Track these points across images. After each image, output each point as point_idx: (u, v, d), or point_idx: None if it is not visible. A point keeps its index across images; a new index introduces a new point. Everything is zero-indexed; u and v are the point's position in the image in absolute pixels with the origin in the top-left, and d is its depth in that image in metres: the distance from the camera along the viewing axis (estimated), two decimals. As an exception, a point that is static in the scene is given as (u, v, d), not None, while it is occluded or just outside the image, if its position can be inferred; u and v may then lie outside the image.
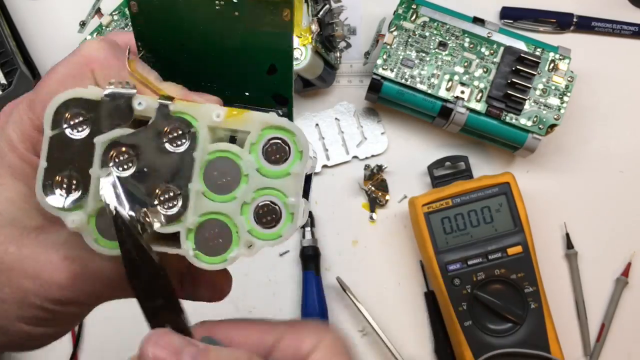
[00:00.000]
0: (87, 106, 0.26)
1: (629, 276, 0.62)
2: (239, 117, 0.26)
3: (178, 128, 0.26)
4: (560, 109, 0.59)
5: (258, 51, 0.29)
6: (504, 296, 0.57)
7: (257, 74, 0.29)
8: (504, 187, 0.59)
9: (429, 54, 0.60)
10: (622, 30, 0.67)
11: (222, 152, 0.26)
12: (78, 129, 0.26)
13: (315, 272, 0.61)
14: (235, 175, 0.26)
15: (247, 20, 0.27)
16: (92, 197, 0.26)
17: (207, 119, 0.26)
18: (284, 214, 0.26)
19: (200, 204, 0.26)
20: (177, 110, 0.26)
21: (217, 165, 0.26)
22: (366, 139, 0.65)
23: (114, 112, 0.26)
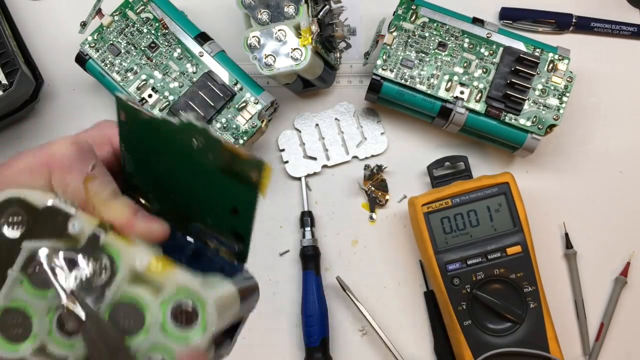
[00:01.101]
0: (27, 209, 0.27)
1: (628, 276, 0.62)
2: (160, 272, 0.26)
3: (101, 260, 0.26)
4: (560, 109, 0.59)
5: (225, 193, 0.29)
6: (504, 296, 0.57)
7: (221, 208, 0.30)
8: (504, 187, 0.59)
9: (429, 55, 0.60)
10: (621, 31, 0.67)
11: (131, 297, 0.26)
12: (13, 227, 0.27)
13: (315, 272, 0.61)
14: (138, 322, 0.26)
15: (219, 166, 0.28)
16: (3, 295, 0.26)
17: (130, 263, 0.26)
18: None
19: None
20: (106, 243, 0.26)
21: (125, 307, 0.26)
22: (366, 139, 0.65)
23: (50, 224, 0.26)
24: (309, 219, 0.62)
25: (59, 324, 0.26)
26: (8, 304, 0.26)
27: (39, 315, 0.26)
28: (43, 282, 0.26)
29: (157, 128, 0.28)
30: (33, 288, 0.26)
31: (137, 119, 0.29)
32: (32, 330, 0.26)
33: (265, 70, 0.54)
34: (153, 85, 0.59)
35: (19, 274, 0.26)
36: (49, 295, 0.26)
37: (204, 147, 0.28)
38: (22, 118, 0.65)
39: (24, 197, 0.27)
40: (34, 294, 0.26)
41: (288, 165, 0.64)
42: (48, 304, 0.26)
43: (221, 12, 0.67)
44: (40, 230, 0.27)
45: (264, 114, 0.59)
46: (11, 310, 0.26)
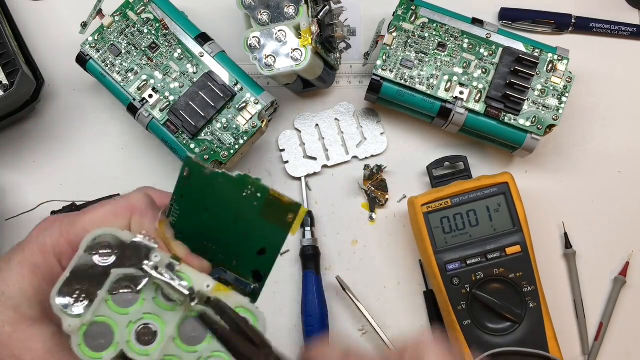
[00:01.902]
0: (117, 244, 0.33)
1: (627, 275, 0.62)
2: (222, 292, 0.33)
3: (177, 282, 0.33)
4: (559, 110, 0.60)
5: (258, 235, 0.36)
6: (503, 295, 0.57)
7: (250, 250, 0.37)
8: (503, 187, 0.59)
9: (428, 55, 0.60)
10: (620, 31, 0.67)
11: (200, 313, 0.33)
12: (104, 258, 0.33)
13: (315, 272, 0.61)
14: (202, 333, 0.33)
15: (261, 210, 0.35)
16: (91, 311, 0.32)
17: (199, 285, 0.33)
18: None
19: (167, 347, 0.33)
20: (180, 271, 0.33)
21: (192, 322, 0.33)
22: (366, 139, 0.65)
23: (135, 255, 0.33)
24: (309, 219, 0.62)
25: (137, 336, 0.33)
26: (95, 319, 0.32)
27: (120, 327, 0.32)
28: (125, 302, 0.33)
29: (216, 180, 0.35)
30: (116, 306, 0.33)
31: (200, 174, 0.35)
32: (114, 340, 0.32)
33: (265, 71, 0.54)
34: (153, 86, 0.59)
35: (105, 294, 0.32)
36: (130, 312, 0.33)
37: (252, 195, 0.35)
38: (23, 118, 0.65)
39: (116, 233, 0.33)
40: (117, 311, 0.33)
41: (288, 165, 0.64)
42: (129, 319, 0.33)
43: (221, 13, 0.67)
44: (126, 261, 0.33)
45: (264, 114, 0.59)
46: (97, 323, 0.32)
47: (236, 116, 0.58)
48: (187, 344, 0.33)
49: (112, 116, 0.65)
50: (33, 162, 0.65)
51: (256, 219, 0.35)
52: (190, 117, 0.58)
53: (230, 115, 0.58)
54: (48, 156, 0.65)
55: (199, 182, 0.35)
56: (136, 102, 0.59)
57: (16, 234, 0.63)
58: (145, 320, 0.33)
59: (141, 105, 0.59)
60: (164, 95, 0.59)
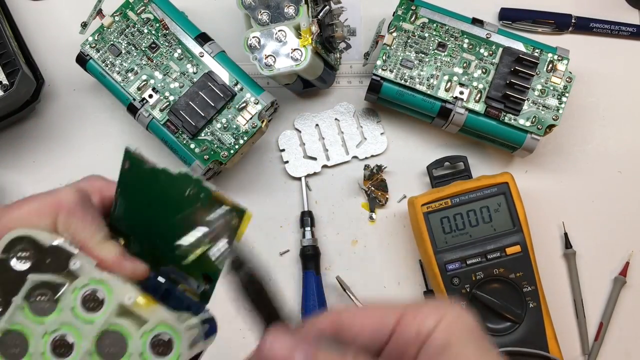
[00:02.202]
0: (35, 247, 0.31)
1: (627, 275, 0.62)
2: (145, 307, 0.31)
3: (94, 293, 0.31)
4: (559, 110, 0.60)
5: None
6: (503, 295, 0.57)
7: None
8: (503, 187, 0.59)
9: (428, 55, 0.60)
10: (620, 31, 0.67)
11: (118, 327, 0.30)
12: (21, 262, 0.31)
13: (315, 272, 0.61)
14: (121, 350, 0.30)
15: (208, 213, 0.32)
16: (6, 318, 0.30)
17: (120, 297, 0.30)
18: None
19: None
20: (101, 279, 0.31)
21: (111, 336, 0.30)
22: (366, 139, 0.65)
23: (53, 260, 0.31)
24: (309, 219, 0.62)
25: (53, 347, 0.30)
26: (9, 326, 0.30)
27: (36, 337, 0.30)
28: (41, 310, 0.30)
29: (157, 177, 0.33)
30: (32, 314, 0.30)
31: (140, 167, 0.33)
32: (27, 350, 0.30)
33: (265, 71, 0.54)
34: (153, 86, 0.59)
35: (22, 301, 0.30)
36: (46, 322, 0.30)
37: (195, 195, 0.32)
38: (23, 118, 0.65)
39: (33, 235, 0.31)
40: (33, 320, 0.30)
41: (288, 165, 0.64)
42: (45, 329, 0.30)
43: (221, 13, 0.67)
44: (45, 266, 0.31)
45: (264, 114, 0.59)
46: (11, 332, 0.30)
47: (236, 116, 0.58)
48: (104, 359, 0.30)
49: (112, 116, 0.65)
50: (33, 162, 0.65)
51: (198, 217, 0.33)
52: (190, 117, 0.58)
53: (230, 115, 0.58)
54: (48, 156, 0.65)
55: (140, 176, 0.33)
56: (136, 102, 0.59)
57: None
58: (62, 332, 0.30)
59: (141, 105, 0.59)
60: (164, 95, 0.59)
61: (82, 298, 0.31)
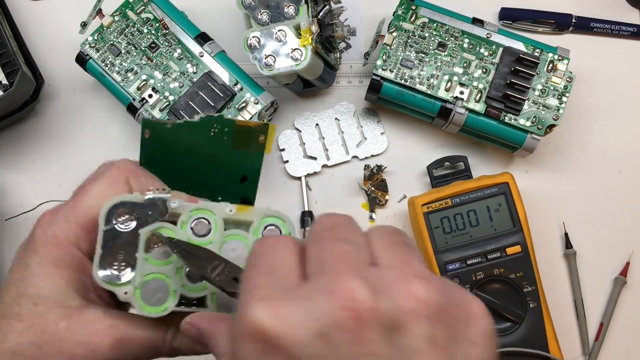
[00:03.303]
0: (132, 207, 0.34)
1: (627, 275, 0.62)
2: (246, 210, 0.35)
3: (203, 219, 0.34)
4: (559, 110, 0.60)
5: (236, 165, 0.39)
6: (503, 295, 0.57)
7: (232, 182, 0.39)
8: (503, 187, 0.59)
9: (429, 55, 0.60)
10: (620, 31, 0.67)
11: (234, 236, 0.35)
12: (125, 224, 0.34)
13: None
14: (244, 252, 0.34)
15: (233, 142, 0.37)
16: (138, 273, 0.33)
17: (222, 213, 0.34)
18: None
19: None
20: (201, 207, 0.34)
21: (232, 244, 0.34)
22: (366, 139, 0.65)
23: (154, 211, 0.34)
24: (309, 219, 0.62)
25: (188, 277, 0.34)
26: (144, 279, 0.33)
27: (171, 276, 0.34)
28: (164, 254, 0.34)
29: (181, 131, 0.36)
30: (157, 261, 0.34)
31: (162, 130, 0.36)
32: (170, 289, 0.34)
33: (265, 71, 0.54)
34: (153, 86, 0.59)
35: (143, 254, 0.33)
36: (172, 260, 0.34)
37: (219, 132, 0.37)
38: (23, 118, 0.65)
39: (126, 198, 0.34)
40: (160, 264, 0.34)
41: (288, 165, 0.64)
42: (175, 266, 0.34)
43: (221, 13, 0.67)
44: (149, 217, 0.34)
45: (264, 114, 0.59)
46: (148, 282, 0.34)
47: (236, 116, 0.58)
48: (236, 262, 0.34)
49: (112, 116, 0.65)
50: (33, 162, 0.65)
51: (230, 152, 0.37)
52: (190, 117, 0.58)
53: (230, 115, 0.58)
54: (48, 156, 0.65)
55: (164, 139, 0.36)
56: (136, 102, 0.59)
57: (16, 234, 0.63)
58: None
59: (141, 105, 0.59)
60: (163, 95, 0.59)
61: (192, 228, 0.34)
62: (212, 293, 0.34)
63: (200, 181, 0.38)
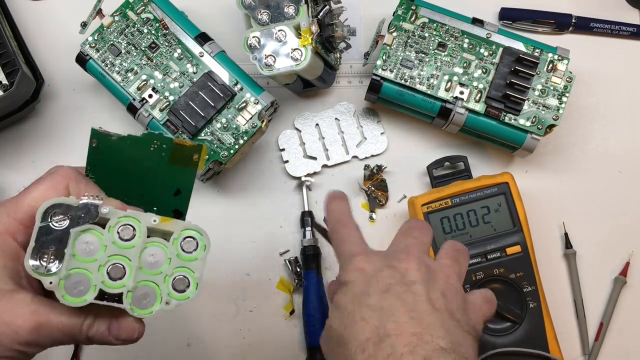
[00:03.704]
0: (67, 209, 0.38)
1: (627, 275, 0.62)
2: (168, 222, 0.39)
3: (129, 226, 0.39)
4: (559, 110, 0.60)
5: (171, 179, 0.42)
6: (503, 295, 0.57)
7: (166, 194, 0.43)
8: (503, 187, 0.59)
9: (428, 55, 0.60)
10: (620, 31, 0.67)
11: (154, 243, 0.39)
12: (59, 223, 0.38)
13: (317, 272, 0.61)
14: (161, 258, 0.39)
15: (169, 158, 0.41)
16: (64, 267, 0.37)
17: (148, 222, 0.39)
18: (191, 283, 0.40)
19: (137, 276, 0.38)
20: (129, 215, 0.39)
21: (150, 251, 0.39)
22: (366, 139, 0.65)
23: (86, 214, 0.38)
24: (309, 218, 0.62)
25: (109, 275, 0.38)
26: (69, 272, 0.37)
27: (93, 272, 0.38)
28: (90, 252, 0.38)
29: (124, 144, 0.41)
30: (83, 258, 0.38)
31: (108, 141, 0.41)
32: (91, 284, 0.38)
33: (265, 71, 0.54)
34: (153, 86, 0.59)
35: (71, 250, 0.37)
36: (97, 258, 0.38)
37: (159, 148, 0.41)
38: (23, 118, 0.65)
39: (63, 201, 0.38)
40: (86, 261, 0.38)
41: (288, 165, 0.64)
42: (98, 264, 0.38)
43: (221, 13, 0.67)
44: (81, 219, 0.38)
45: (264, 114, 0.59)
46: (72, 275, 0.37)
47: (236, 116, 0.58)
48: (150, 269, 0.39)
49: (112, 116, 0.65)
50: (33, 162, 0.65)
51: (166, 167, 0.42)
52: (190, 117, 0.58)
53: (230, 115, 0.58)
54: (48, 156, 0.65)
55: (109, 149, 0.41)
56: (136, 102, 0.59)
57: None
58: (112, 261, 0.38)
59: (141, 105, 0.59)
60: (163, 95, 0.59)
61: (118, 233, 0.38)
62: (128, 291, 0.38)
63: (138, 191, 0.43)
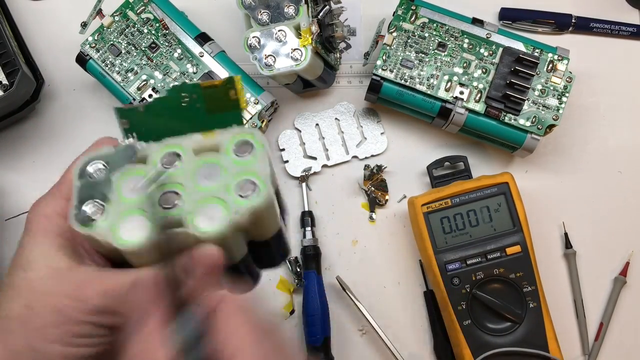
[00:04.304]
0: (103, 158, 0.35)
1: (627, 275, 0.62)
2: (212, 135, 0.35)
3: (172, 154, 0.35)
4: (559, 110, 0.60)
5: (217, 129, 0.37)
6: (503, 295, 0.57)
7: None
8: (503, 187, 0.59)
9: (428, 55, 0.60)
10: (620, 31, 0.67)
11: (205, 160, 0.35)
12: (98, 173, 0.35)
13: (317, 272, 0.61)
14: (217, 171, 0.34)
15: (207, 107, 0.37)
16: (113, 213, 0.34)
17: (191, 143, 0.35)
18: (258, 183, 0.34)
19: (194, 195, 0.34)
20: (168, 144, 0.35)
21: (204, 169, 0.34)
22: (366, 139, 0.65)
23: (124, 157, 0.35)
24: (309, 218, 0.62)
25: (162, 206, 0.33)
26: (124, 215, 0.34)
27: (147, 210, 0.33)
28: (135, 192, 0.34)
29: (154, 109, 0.37)
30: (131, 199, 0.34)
31: (137, 115, 0.37)
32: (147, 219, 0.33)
33: (265, 71, 0.54)
34: (153, 86, 0.59)
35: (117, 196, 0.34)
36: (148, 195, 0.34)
37: (190, 100, 0.36)
38: (23, 118, 0.65)
39: (97, 154, 0.35)
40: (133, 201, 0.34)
41: (288, 165, 0.64)
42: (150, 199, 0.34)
43: (221, 13, 0.67)
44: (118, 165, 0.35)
45: (264, 114, 0.59)
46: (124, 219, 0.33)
47: (236, 116, 0.58)
48: (207, 185, 0.34)
49: (112, 116, 0.64)
50: (33, 162, 0.65)
51: (207, 119, 0.37)
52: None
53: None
54: (48, 156, 0.65)
55: (141, 122, 0.37)
56: (136, 102, 0.59)
57: (16, 234, 0.62)
58: (163, 190, 0.34)
59: (141, 105, 0.59)
60: (164, 95, 0.59)
61: (162, 164, 0.34)
62: (189, 213, 0.34)
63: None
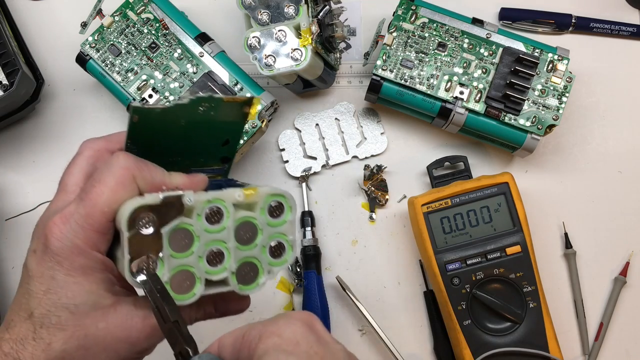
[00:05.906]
0: (150, 209, 0.35)
1: (627, 275, 0.62)
2: (252, 194, 0.38)
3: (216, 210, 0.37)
4: (559, 110, 0.60)
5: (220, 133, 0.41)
6: (503, 295, 0.57)
7: (214, 146, 0.42)
8: (503, 187, 0.59)
9: (428, 55, 0.60)
10: (620, 31, 0.67)
11: (244, 218, 0.38)
12: (146, 227, 0.35)
13: (317, 272, 0.61)
14: (254, 231, 0.38)
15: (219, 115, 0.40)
16: (166, 270, 0.36)
17: (232, 199, 0.38)
18: (286, 247, 0.39)
19: (236, 255, 0.38)
20: (211, 199, 0.37)
21: (242, 227, 0.38)
22: (366, 139, 0.65)
23: (171, 209, 0.36)
24: (309, 218, 0.62)
25: (209, 262, 0.37)
26: (173, 272, 0.36)
27: (194, 265, 0.37)
28: (185, 247, 0.37)
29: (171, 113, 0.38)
30: (180, 254, 0.37)
31: (151, 115, 0.38)
32: (195, 277, 0.37)
33: (265, 71, 0.54)
34: (153, 86, 0.59)
35: (168, 251, 0.36)
36: (194, 250, 0.37)
37: (207, 109, 0.39)
38: (23, 118, 0.65)
39: (144, 202, 0.35)
40: (184, 256, 0.37)
41: (288, 164, 0.64)
42: (197, 255, 0.37)
43: (221, 13, 0.67)
44: (167, 216, 0.36)
45: (264, 114, 0.59)
46: (175, 275, 0.37)
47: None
48: (246, 244, 0.38)
49: (112, 116, 0.65)
50: (33, 162, 0.65)
51: (216, 123, 0.40)
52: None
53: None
54: (48, 156, 0.65)
55: (152, 122, 0.38)
56: (136, 102, 0.59)
57: (16, 234, 0.63)
58: (209, 248, 0.37)
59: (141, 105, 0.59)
60: (163, 95, 0.59)
61: (206, 219, 0.37)
62: (232, 273, 0.37)
63: (184, 151, 0.41)
